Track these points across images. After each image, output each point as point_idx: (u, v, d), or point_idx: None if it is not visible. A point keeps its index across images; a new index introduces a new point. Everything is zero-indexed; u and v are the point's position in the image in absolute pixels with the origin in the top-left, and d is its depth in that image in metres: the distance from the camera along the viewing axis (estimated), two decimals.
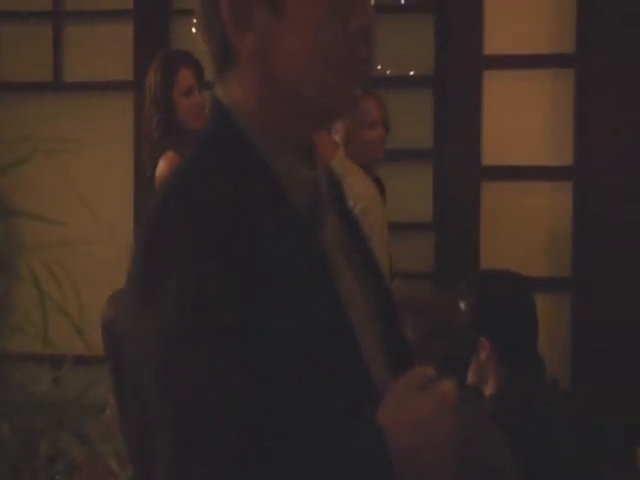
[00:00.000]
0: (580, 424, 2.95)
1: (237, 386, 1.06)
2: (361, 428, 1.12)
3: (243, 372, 1.06)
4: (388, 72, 4.56)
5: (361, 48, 1.21)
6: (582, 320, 4.10)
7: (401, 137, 4.06)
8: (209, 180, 1.16)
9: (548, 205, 4.23)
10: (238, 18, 1.17)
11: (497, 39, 4.28)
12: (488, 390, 2.59)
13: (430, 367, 1.20)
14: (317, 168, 1.26)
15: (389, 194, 3.97)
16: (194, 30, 1.26)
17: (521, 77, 4.26)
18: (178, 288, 1.07)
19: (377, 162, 3.85)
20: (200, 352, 1.06)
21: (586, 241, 4.13)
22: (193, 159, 1.22)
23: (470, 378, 2.58)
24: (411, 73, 4.53)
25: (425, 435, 1.14)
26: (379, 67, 4.55)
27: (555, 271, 4.20)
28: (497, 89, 4.18)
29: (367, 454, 1.10)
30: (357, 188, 2.81)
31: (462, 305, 2.63)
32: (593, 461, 2.80)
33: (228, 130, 1.21)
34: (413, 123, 4.46)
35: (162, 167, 3.69)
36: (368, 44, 1.21)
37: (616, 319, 4.05)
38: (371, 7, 1.22)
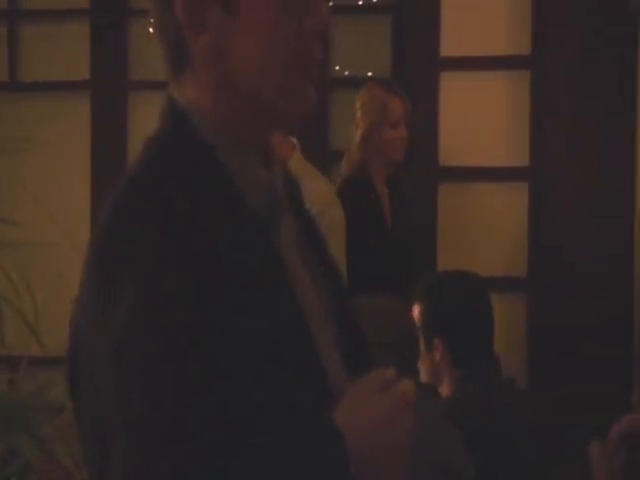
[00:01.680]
0: (536, 424, 2.98)
1: (194, 385, 1.06)
2: (319, 429, 1.12)
3: (199, 372, 1.06)
4: (346, 73, 4.58)
5: (316, 49, 1.21)
6: (538, 320, 4.13)
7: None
8: (164, 180, 1.15)
9: (504, 206, 4.26)
10: (192, 19, 1.17)
11: (454, 41, 4.30)
12: (444, 391, 2.60)
13: (389, 368, 1.20)
14: (274, 169, 1.26)
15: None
16: (151, 30, 1.25)
17: (477, 78, 4.29)
18: (134, 288, 1.07)
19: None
20: (156, 351, 1.06)
21: (542, 242, 4.17)
22: (148, 159, 1.21)
23: (424, 378, 2.59)
24: (369, 74, 4.54)
25: (383, 435, 1.14)
26: (337, 68, 4.56)
27: (511, 271, 4.23)
28: (454, 90, 4.21)
29: (325, 454, 1.10)
30: (314, 190, 2.82)
31: (417, 307, 2.65)
32: (549, 461, 2.82)
33: (183, 130, 1.20)
34: None
35: None
36: (323, 45, 1.21)
37: (571, 319, 4.09)
38: (326, 8, 1.22)
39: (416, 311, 2.64)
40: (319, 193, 2.94)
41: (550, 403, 3.89)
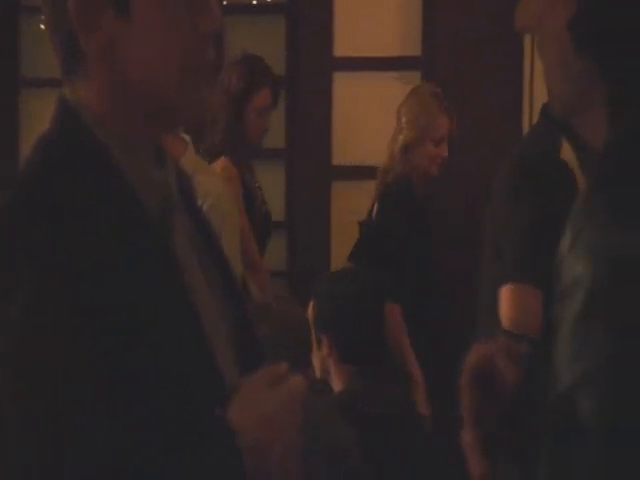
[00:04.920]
0: (428, 420, 3.02)
1: (86, 391, 1.06)
2: (211, 426, 1.13)
3: (92, 376, 1.07)
4: None
5: (209, 49, 1.21)
6: None
7: None
8: (55, 181, 1.14)
9: None
10: (85, 18, 1.16)
11: (347, 41, 4.35)
12: (335, 386, 2.63)
13: (282, 364, 1.22)
14: (167, 168, 1.26)
15: None
16: (42, 27, 1.24)
17: (369, 78, 4.34)
18: (22, 294, 1.07)
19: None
20: (45, 357, 1.06)
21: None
22: (39, 159, 1.20)
23: (317, 374, 2.63)
24: None
25: (274, 430, 1.16)
26: None
27: None
28: (346, 90, 4.25)
29: (217, 450, 1.12)
30: (206, 185, 2.82)
31: (310, 304, 2.68)
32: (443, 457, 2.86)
33: (75, 130, 1.19)
34: None
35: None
36: (215, 46, 1.22)
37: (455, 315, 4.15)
38: (219, 9, 1.22)
39: (310, 308, 2.67)
40: (210, 189, 2.94)
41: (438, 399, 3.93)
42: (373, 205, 3.83)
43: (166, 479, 1.10)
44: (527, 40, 3.95)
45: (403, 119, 3.75)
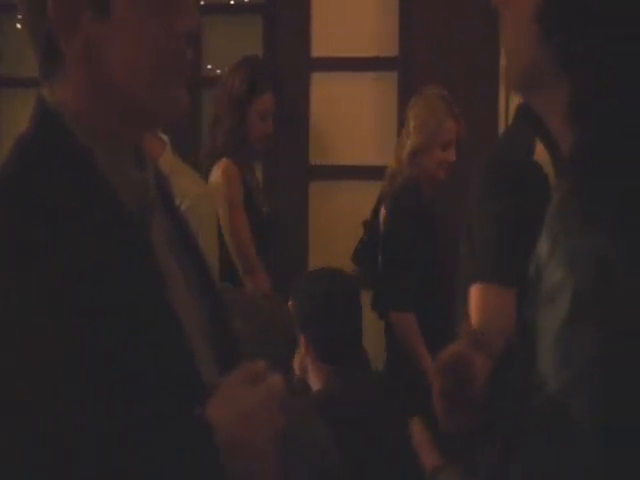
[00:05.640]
0: (404, 418, 3.02)
1: (64, 387, 1.06)
2: (190, 423, 1.14)
3: (69, 374, 1.07)
4: (218, 72, 4.59)
5: (184, 50, 1.21)
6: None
7: None
8: (34, 182, 1.14)
9: (372, 204, 4.33)
10: (64, 19, 1.15)
11: (324, 42, 4.36)
12: (314, 385, 2.64)
13: (260, 362, 1.23)
14: (146, 168, 1.26)
15: None
16: (19, 26, 1.24)
17: (347, 79, 4.35)
18: (3, 288, 1.07)
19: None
20: (20, 352, 1.06)
21: None
22: (17, 160, 1.19)
23: (296, 373, 2.64)
24: None
25: (252, 428, 1.16)
26: (209, 67, 4.56)
27: None
28: (324, 90, 4.26)
29: (195, 447, 1.12)
30: (184, 186, 2.82)
31: (290, 304, 2.69)
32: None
33: (54, 130, 1.19)
34: None
35: (218, 175, 3.63)
36: (192, 45, 1.22)
37: None
38: (196, 9, 1.23)
39: (289, 308, 2.68)
40: (188, 190, 2.94)
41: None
42: (379, 207, 3.84)
43: (145, 477, 1.10)
44: None
45: (411, 123, 3.74)
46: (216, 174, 3.65)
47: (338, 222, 4.38)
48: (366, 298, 3.98)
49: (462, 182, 4.07)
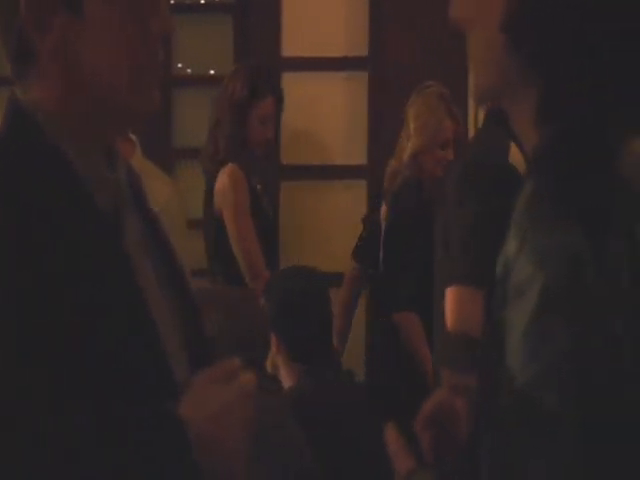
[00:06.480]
0: (375, 418, 3.03)
1: (35, 387, 1.07)
2: (161, 420, 1.14)
3: (36, 371, 1.07)
4: (188, 71, 4.58)
5: (159, 49, 1.22)
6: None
7: (200, 136, 4.06)
8: (6, 181, 1.14)
9: (344, 203, 4.35)
10: (38, 19, 1.16)
11: (295, 42, 4.36)
12: (285, 383, 2.65)
13: (234, 360, 1.23)
14: (118, 168, 1.26)
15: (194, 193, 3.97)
16: None
17: (317, 79, 4.36)
18: None
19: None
20: None
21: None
22: None
23: (269, 371, 2.64)
24: (211, 72, 4.56)
25: (224, 425, 1.16)
26: (179, 66, 4.55)
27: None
28: (295, 90, 4.26)
29: (167, 445, 1.12)
30: (154, 189, 2.82)
31: (263, 303, 2.70)
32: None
33: (27, 130, 1.19)
34: None
35: (224, 180, 3.61)
36: (163, 46, 1.23)
37: None
38: (169, 8, 1.23)
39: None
40: (158, 193, 2.94)
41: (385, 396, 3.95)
42: (374, 205, 3.85)
43: (117, 472, 1.10)
44: None
45: (411, 125, 3.73)
46: (222, 179, 3.63)
47: (309, 221, 4.38)
48: (364, 298, 4.02)
49: None
